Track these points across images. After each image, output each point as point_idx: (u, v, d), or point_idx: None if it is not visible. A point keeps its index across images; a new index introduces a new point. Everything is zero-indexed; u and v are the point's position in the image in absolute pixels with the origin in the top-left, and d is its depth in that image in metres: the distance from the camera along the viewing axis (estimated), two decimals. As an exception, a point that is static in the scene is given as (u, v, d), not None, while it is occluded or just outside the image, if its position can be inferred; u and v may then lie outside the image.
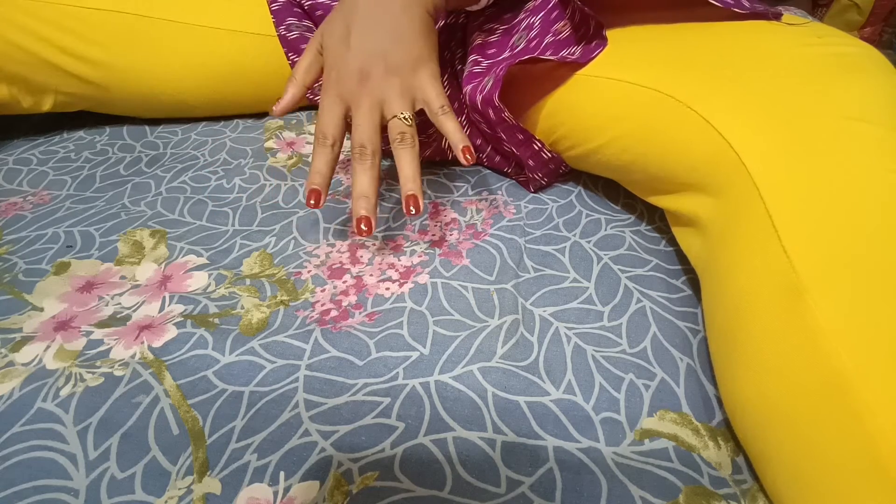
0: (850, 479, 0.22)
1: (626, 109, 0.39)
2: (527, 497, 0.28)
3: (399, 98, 0.38)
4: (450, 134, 0.38)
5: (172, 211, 0.47)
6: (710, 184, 0.34)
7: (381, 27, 0.38)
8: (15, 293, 0.39)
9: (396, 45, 0.38)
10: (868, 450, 0.21)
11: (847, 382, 0.23)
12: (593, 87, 0.42)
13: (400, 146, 0.38)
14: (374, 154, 0.38)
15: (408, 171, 0.37)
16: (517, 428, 0.31)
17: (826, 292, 0.25)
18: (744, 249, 0.29)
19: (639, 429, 0.31)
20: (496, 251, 0.42)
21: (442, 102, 0.39)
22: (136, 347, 0.35)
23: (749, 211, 0.30)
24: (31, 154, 0.56)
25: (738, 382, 0.28)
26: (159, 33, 0.55)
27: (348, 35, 0.38)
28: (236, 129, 0.60)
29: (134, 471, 0.29)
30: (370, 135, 0.38)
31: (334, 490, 0.28)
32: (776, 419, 0.25)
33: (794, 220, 0.27)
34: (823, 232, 0.26)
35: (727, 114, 0.33)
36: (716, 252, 0.32)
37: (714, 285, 0.32)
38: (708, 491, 0.28)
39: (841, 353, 0.23)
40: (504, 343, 0.35)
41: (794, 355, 0.25)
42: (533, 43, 0.44)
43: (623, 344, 0.35)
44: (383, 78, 0.38)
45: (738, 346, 0.28)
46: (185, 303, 0.38)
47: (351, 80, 0.38)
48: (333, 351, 0.35)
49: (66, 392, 0.32)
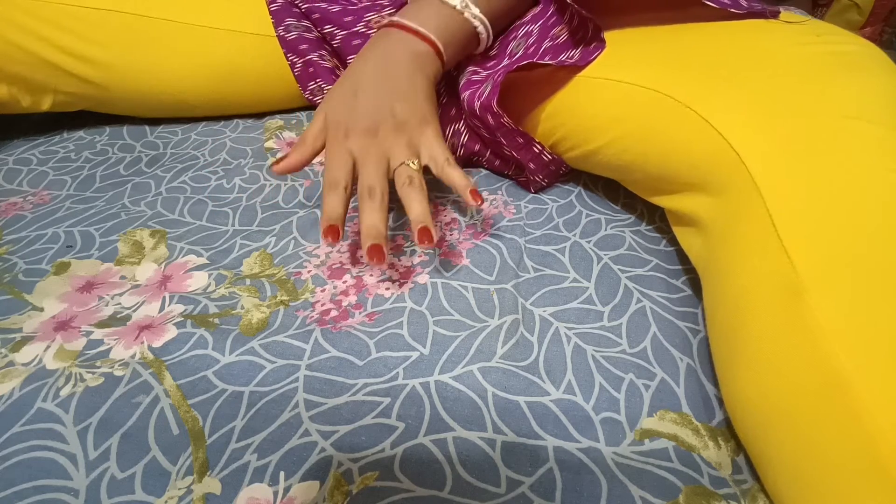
0: (850, 479, 0.22)
1: (625, 110, 0.39)
2: (527, 497, 0.28)
3: (406, 151, 0.40)
4: (456, 182, 0.39)
5: (172, 211, 0.47)
6: (710, 183, 0.34)
7: (388, 90, 0.41)
8: (15, 293, 0.39)
9: (402, 105, 0.41)
10: (868, 450, 0.21)
11: (846, 382, 0.23)
12: (592, 88, 0.42)
13: (408, 188, 0.38)
14: (382, 194, 0.38)
15: (417, 207, 0.37)
16: (517, 428, 0.31)
17: (826, 292, 0.25)
18: (744, 248, 0.29)
19: (639, 429, 0.31)
20: (496, 251, 0.42)
21: (447, 156, 0.40)
22: (136, 347, 0.35)
23: (749, 210, 0.30)
24: (31, 154, 0.56)
25: (739, 382, 0.28)
26: (159, 33, 0.55)
27: (356, 97, 0.41)
28: (236, 129, 0.60)
29: (134, 471, 0.29)
30: (379, 178, 0.39)
31: (334, 490, 0.28)
32: (776, 419, 0.25)
33: (793, 219, 0.27)
34: (823, 231, 0.26)
35: (726, 113, 0.33)
36: (716, 251, 0.32)
37: (714, 284, 0.32)
38: (708, 491, 0.28)
39: (840, 353, 0.23)
40: (504, 343, 0.35)
41: (794, 355, 0.25)
42: (531, 49, 0.45)
43: (623, 344, 0.35)
44: (391, 134, 0.40)
45: (739, 344, 0.28)
46: (185, 303, 0.38)
47: (360, 135, 0.40)
48: (333, 351, 0.35)
49: (66, 392, 0.32)
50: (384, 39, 0.44)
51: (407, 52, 0.43)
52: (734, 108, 0.33)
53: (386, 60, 0.42)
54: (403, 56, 0.43)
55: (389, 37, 0.44)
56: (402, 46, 0.43)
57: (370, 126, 0.40)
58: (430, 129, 0.41)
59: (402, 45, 0.43)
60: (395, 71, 0.42)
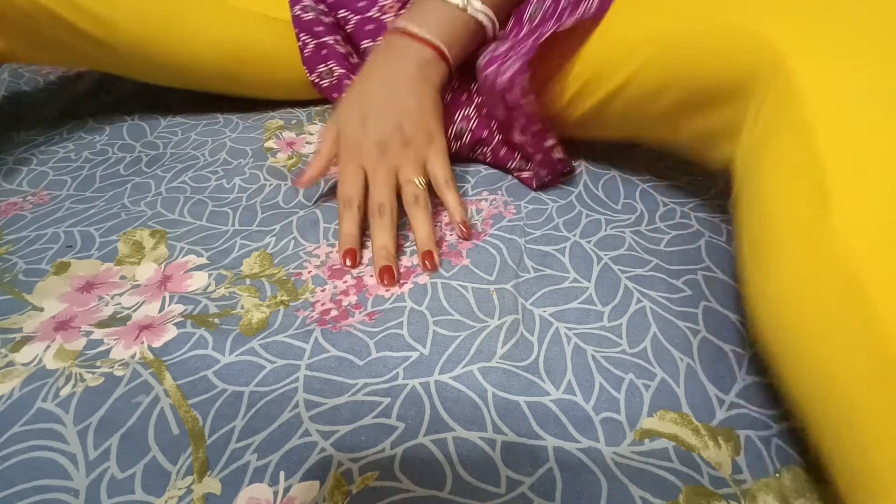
0: (863, 379, 0.22)
1: (658, 26, 0.38)
2: (527, 497, 0.28)
3: (413, 165, 0.43)
4: (450, 205, 0.43)
5: (172, 211, 0.47)
6: (748, 88, 0.33)
7: (395, 111, 0.44)
8: (15, 293, 0.39)
9: (410, 121, 0.44)
10: (880, 351, 0.22)
11: (863, 287, 0.23)
12: (618, 13, 0.41)
13: (414, 207, 0.42)
14: (391, 212, 0.42)
15: (422, 230, 0.41)
16: (517, 428, 0.31)
17: (851, 195, 0.25)
18: (779, 151, 0.29)
19: (639, 429, 0.31)
20: (496, 251, 0.42)
21: (447, 177, 0.44)
22: (136, 347, 0.35)
23: (787, 112, 0.29)
24: (31, 154, 0.56)
25: (763, 284, 0.28)
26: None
27: (365, 116, 0.44)
28: (236, 129, 0.60)
29: (134, 471, 0.29)
30: (388, 195, 0.42)
31: (334, 490, 0.28)
32: (796, 320, 0.26)
33: (829, 123, 0.27)
34: (858, 134, 0.26)
35: (766, 14, 0.32)
36: (753, 158, 0.32)
37: (749, 195, 0.32)
38: (708, 491, 0.28)
39: (858, 256, 0.23)
40: (504, 343, 0.35)
41: (815, 256, 0.25)
42: (549, 11, 0.44)
43: (623, 344, 0.35)
44: (399, 149, 0.43)
45: (766, 247, 0.28)
46: (185, 303, 0.38)
47: (370, 151, 0.43)
48: (333, 351, 0.35)
49: (66, 392, 0.32)
50: (390, 51, 0.46)
51: (412, 64, 0.45)
52: (775, 8, 0.32)
53: (393, 79, 0.45)
54: (409, 70, 0.45)
55: (395, 47, 0.46)
56: (408, 58, 0.45)
57: (380, 142, 0.43)
58: (435, 145, 0.44)
59: (408, 55, 0.45)
60: (401, 91, 0.44)
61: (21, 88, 0.67)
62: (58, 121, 0.62)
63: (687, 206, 0.47)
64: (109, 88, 0.67)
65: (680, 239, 0.44)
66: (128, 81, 0.68)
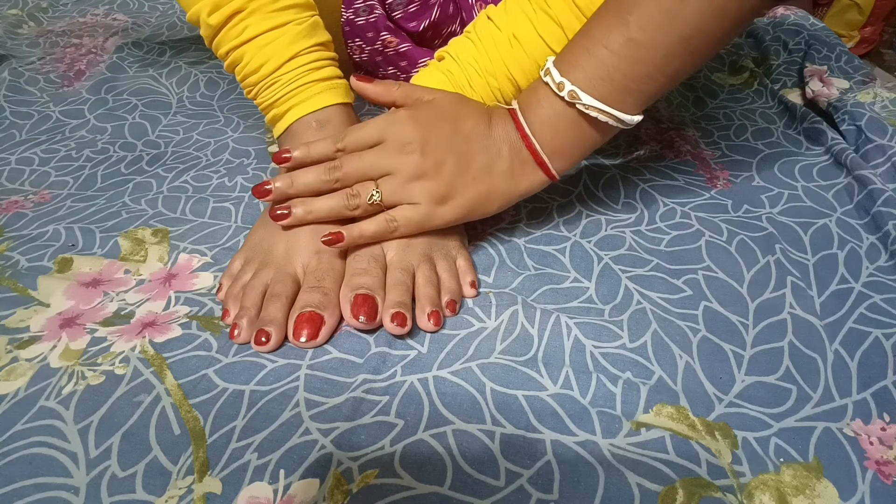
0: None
1: None
2: (525, 490, 0.28)
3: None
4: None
5: (174, 209, 0.47)
6: None
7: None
8: (19, 289, 0.39)
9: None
10: None
11: None
12: None
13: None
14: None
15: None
16: (515, 422, 0.31)
17: None
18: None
19: (635, 422, 0.31)
20: (496, 251, 0.43)
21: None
22: (138, 341, 0.35)
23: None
24: (33, 153, 0.56)
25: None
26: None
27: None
28: (238, 129, 0.60)
29: (135, 470, 0.29)
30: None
31: (334, 490, 0.28)
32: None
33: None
34: None
35: None
36: None
37: None
38: (705, 481, 0.28)
39: None
40: (503, 340, 0.35)
41: None
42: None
43: (622, 341, 0.35)
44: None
45: None
46: (190, 304, 0.38)
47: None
48: (334, 351, 0.35)
49: (68, 390, 0.32)
50: (492, 139, 0.38)
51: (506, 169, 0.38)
52: None
53: (490, 168, 0.38)
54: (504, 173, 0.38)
55: (496, 133, 0.38)
56: (507, 158, 0.38)
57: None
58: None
59: (507, 154, 0.38)
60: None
61: (22, 88, 0.67)
62: (59, 120, 0.62)
63: (687, 206, 0.47)
64: (111, 87, 0.67)
65: (680, 239, 0.44)
66: (129, 80, 0.68)
